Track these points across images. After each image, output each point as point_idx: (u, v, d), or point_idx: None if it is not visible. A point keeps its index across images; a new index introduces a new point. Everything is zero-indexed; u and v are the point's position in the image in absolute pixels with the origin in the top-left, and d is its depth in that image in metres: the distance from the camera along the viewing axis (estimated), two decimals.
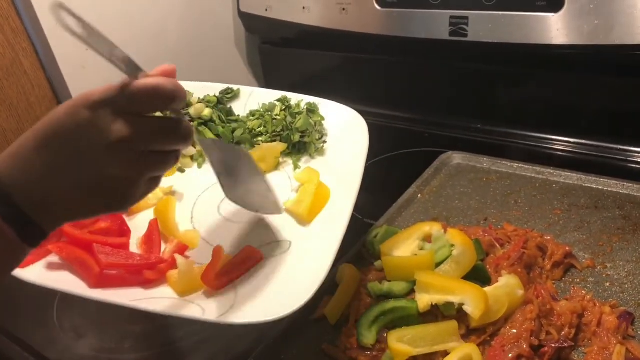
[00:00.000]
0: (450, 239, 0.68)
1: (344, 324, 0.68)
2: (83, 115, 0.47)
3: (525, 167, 0.92)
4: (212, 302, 0.65)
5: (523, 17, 0.95)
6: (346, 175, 0.79)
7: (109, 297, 0.66)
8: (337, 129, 0.91)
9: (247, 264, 0.71)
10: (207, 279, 0.67)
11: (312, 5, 1.20)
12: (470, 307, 0.59)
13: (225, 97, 1.01)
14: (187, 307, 0.65)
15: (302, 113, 0.92)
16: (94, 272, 0.69)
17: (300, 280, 0.65)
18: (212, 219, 0.81)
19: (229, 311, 0.63)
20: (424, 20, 1.06)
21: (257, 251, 0.73)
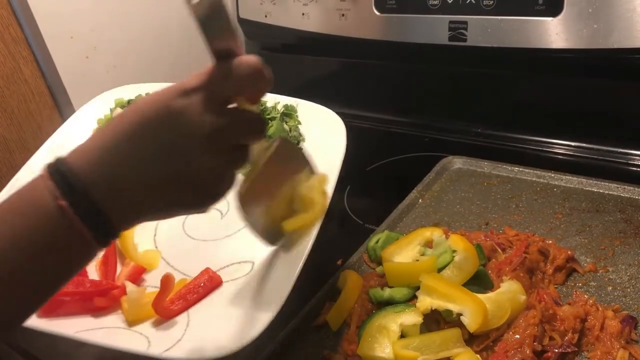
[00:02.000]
0: (452, 245, 0.68)
1: (345, 331, 0.68)
2: (177, 104, 0.45)
3: (526, 171, 0.92)
4: (160, 334, 0.63)
5: (522, 21, 0.96)
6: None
7: (53, 327, 0.64)
8: (315, 133, 0.86)
9: (205, 288, 0.69)
10: (157, 307, 0.65)
11: (311, 11, 1.21)
12: (468, 318, 0.59)
13: None
14: (132, 338, 0.62)
15: (276, 119, 0.87)
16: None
17: (257, 308, 0.62)
18: (176, 236, 0.77)
19: (175, 345, 0.60)
20: (423, 25, 1.06)
21: (215, 276, 0.70)
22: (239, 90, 0.47)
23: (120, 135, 0.46)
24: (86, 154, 0.46)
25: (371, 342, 0.61)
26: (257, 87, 0.48)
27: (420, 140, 1.16)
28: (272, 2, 1.26)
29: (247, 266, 0.71)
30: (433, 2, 1.03)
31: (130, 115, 0.46)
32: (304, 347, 0.68)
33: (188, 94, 0.45)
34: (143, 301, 0.66)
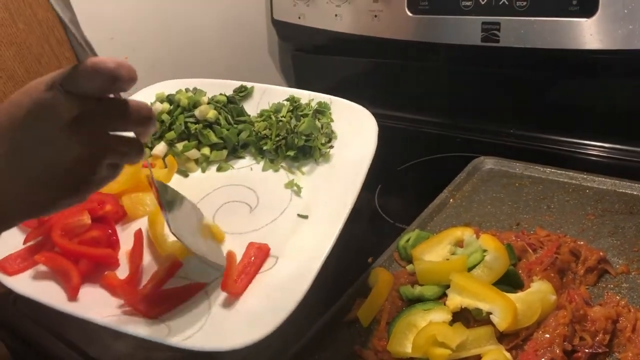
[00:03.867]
0: (483, 244, 0.69)
1: (375, 327, 0.69)
2: (37, 97, 0.46)
3: (558, 172, 0.92)
4: (182, 322, 0.63)
5: (556, 22, 0.95)
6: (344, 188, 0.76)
7: (82, 311, 0.65)
8: (348, 130, 0.87)
9: (258, 259, 0.70)
10: (227, 286, 0.67)
11: (345, 13, 1.22)
12: (498, 317, 0.60)
13: (238, 96, 0.97)
14: (153, 326, 0.63)
15: (308, 115, 0.87)
16: (72, 284, 0.68)
17: (274, 303, 0.63)
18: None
19: (195, 334, 0.61)
20: (455, 26, 1.06)
21: (263, 246, 0.71)
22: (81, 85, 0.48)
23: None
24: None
25: (401, 339, 0.62)
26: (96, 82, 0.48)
27: (452, 140, 1.16)
28: (305, 3, 1.28)
29: (271, 260, 0.72)
30: (466, 3, 1.03)
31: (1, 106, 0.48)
32: (335, 342, 0.69)
33: (50, 87, 0.47)
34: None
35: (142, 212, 0.81)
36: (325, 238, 0.69)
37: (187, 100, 0.93)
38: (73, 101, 0.47)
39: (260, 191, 0.83)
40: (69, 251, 0.72)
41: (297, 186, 0.82)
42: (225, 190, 0.85)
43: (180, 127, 0.91)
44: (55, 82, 0.47)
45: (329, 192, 0.79)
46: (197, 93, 0.97)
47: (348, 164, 0.81)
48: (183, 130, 0.91)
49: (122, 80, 0.48)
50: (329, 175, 0.83)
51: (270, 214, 0.79)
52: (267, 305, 0.64)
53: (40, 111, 0.46)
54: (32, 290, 0.69)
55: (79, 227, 0.76)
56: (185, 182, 0.89)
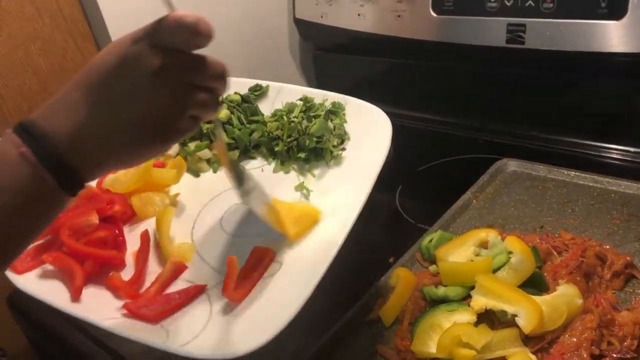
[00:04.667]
0: (508, 246, 0.68)
1: (397, 326, 0.68)
2: (124, 51, 0.49)
3: (582, 175, 0.91)
4: (180, 327, 0.63)
5: (583, 24, 0.94)
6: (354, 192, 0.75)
7: (83, 313, 0.65)
8: (361, 131, 0.85)
9: (262, 265, 0.69)
10: (227, 292, 0.66)
11: (368, 12, 1.21)
12: (523, 320, 0.59)
13: (253, 95, 0.96)
14: (153, 331, 0.63)
15: (320, 116, 0.86)
16: (75, 285, 0.68)
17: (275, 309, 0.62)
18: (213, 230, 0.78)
19: (191, 342, 0.60)
20: (480, 27, 1.05)
21: (267, 249, 0.71)
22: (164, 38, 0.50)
23: (80, 86, 0.49)
24: (49, 106, 0.49)
25: (425, 339, 0.62)
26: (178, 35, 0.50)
27: (474, 142, 1.15)
28: (328, 2, 1.27)
29: (275, 266, 0.71)
30: (491, 4, 1.02)
31: (88, 67, 0.50)
32: (356, 342, 0.69)
33: (136, 41, 0.49)
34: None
35: (152, 212, 0.81)
36: (330, 245, 0.67)
37: None
38: (157, 53, 0.49)
39: (270, 193, 0.82)
40: (75, 251, 0.72)
41: (306, 189, 0.81)
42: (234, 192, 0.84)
43: None
44: (141, 36, 0.49)
45: (338, 196, 0.78)
46: None
47: (360, 168, 0.80)
48: None
49: (201, 34, 0.50)
50: (339, 179, 0.82)
51: None
52: (267, 313, 0.62)
53: (127, 63, 0.49)
54: (37, 289, 0.69)
55: (87, 227, 0.76)
56: (197, 182, 0.89)
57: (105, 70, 0.49)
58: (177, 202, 0.85)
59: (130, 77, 0.49)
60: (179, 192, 0.85)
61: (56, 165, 0.47)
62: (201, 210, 0.82)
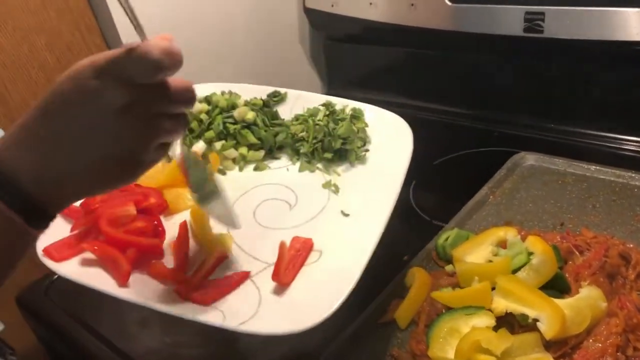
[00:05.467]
0: (529, 246, 0.66)
1: (413, 329, 0.67)
2: (86, 85, 0.46)
3: (603, 169, 0.88)
4: (235, 309, 0.65)
5: (602, 12, 0.91)
6: (383, 189, 0.77)
7: (135, 297, 0.66)
8: (382, 137, 0.89)
9: (304, 251, 0.71)
10: (278, 276, 0.67)
11: (380, 1, 1.19)
12: (544, 325, 0.57)
13: (272, 100, 1.00)
14: (209, 312, 0.64)
15: (345, 119, 0.90)
16: (123, 271, 0.69)
17: (323, 294, 0.63)
18: (247, 223, 0.80)
19: (249, 320, 0.62)
20: (497, 15, 1.02)
21: (307, 240, 0.72)
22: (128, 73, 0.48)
23: (42, 117, 0.47)
24: (12, 139, 0.48)
25: (442, 344, 0.60)
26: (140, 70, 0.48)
27: (490, 134, 1.13)
28: None
29: (315, 254, 0.72)
30: None
31: (50, 96, 0.48)
32: (371, 343, 0.68)
33: (99, 74, 0.47)
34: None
35: (184, 206, 0.83)
36: (369, 234, 0.69)
37: (225, 101, 0.97)
38: (122, 89, 0.47)
39: (298, 190, 0.85)
40: (118, 240, 0.73)
41: (335, 186, 0.84)
42: (263, 189, 0.87)
43: (219, 127, 0.94)
44: (104, 69, 0.47)
45: (367, 192, 0.80)
46: (232, 96, 1.00)
47: (385, 167, 0.83)
48: (221, 130, 0.94)
49: (167, 68, 0.48)
50: (366, 177, 0.84)
51: (310, 211, 0.80)
52: (316, 296, 0.64)
53: (90, 99, 0.47)
54: (82, 276, 0.70)
55: (125, 217, 0.77)
56: (224, 180, 0.91)
57: (66, 103, 0.47)
58: None
59: (93, 113, 0.47)
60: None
61: (24, 206, 0.47)
62: (233, 206, 0.83)
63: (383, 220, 0.71)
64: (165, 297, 0.67)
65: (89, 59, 0.47)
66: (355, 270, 0.64)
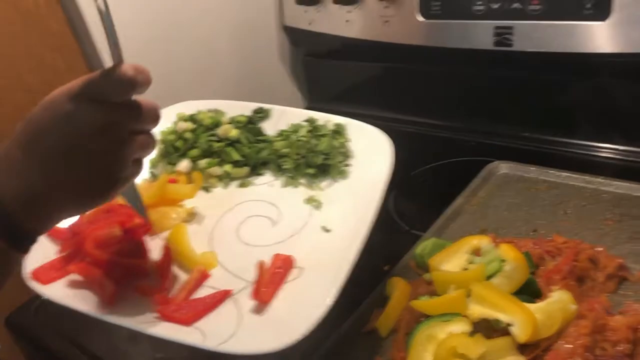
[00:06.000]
0: (502, 254, 0.68)
1: (394, 337, 0.69)
2: (61, 109, 0.49)
3: (574, 176, 0.91)
4: (215, 328, 0.66)
5: (569, 25, 0.95)
6: (363, 203, 0.79)
7: (119, 318, 0.68)
8: (363, 151, 0.91)
9: (284, 269, 0.72)
10: (258, 294, 0.69)
11: (355, 18, 1.22)
12: (517, 329, 0.59)
13: (257, 117, 1.01)
14: (189, 332, 0.66)
15: (327, 135, 0.92)
16: (108, 292, 0.70)
17: (303, 310, 0.65)
18: (230, 241, 0.81)
19: (228, 340, 0.63)
20: (467, 30, 1.06)
21: (287, 257, 0.74)
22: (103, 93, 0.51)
23: (20, 145, 0.50)
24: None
25: (421, 351, 0.62)
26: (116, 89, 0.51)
27: (466, 144, 1.16)
28: (316, 9, 1.28)
29: (296, 271, 0.73)
30: (478, 8, 1.03)
31: (27, 124, 0.50)
32: (353, 353, 0.69)
33: (72, 99, 0.49)
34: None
35: (168, 226, 0.84)
36: (349, 250, 0.70)
37: (209, 119, 0.98)
38: (95, 110, 0.49)
39: (281, 206, 0.86)
40: (103, 261, 0.74)
41: (317, 201, 0.85)
42: (247, 205, 0.88)
43: (204, 145, 0.95)
44: (77, 93, 0.49)
45: (348, 207, 0.82)
46: (217, 113, 1.01)
47: (366, 181, 0.84)
48: (206, 148, 0.95)
49: (140, 86, 0.51)
50: (347, 192, 0.86)
51: (293, 227, 0.81)
52: (295, 313, 0.65)
53: (65, 123, 0.49)
54: (67, 299, 0.71)
55: (111, 238, 0.78)
56: (208, 197, 0.92)
57: (44, 129, 0.49)
58: (194, 215, 0.87)
59: (70, 136, 0.49)
60: (195, 206, 0.88)
61: (6, 230, 0.49)
62: (216, 223, 0.85)
63: (362, 234, 0.72)
64: (147, 318, 0.68)
65: (64, 86, 0.50)
66: (333, 286, 0.65)
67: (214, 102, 1.04)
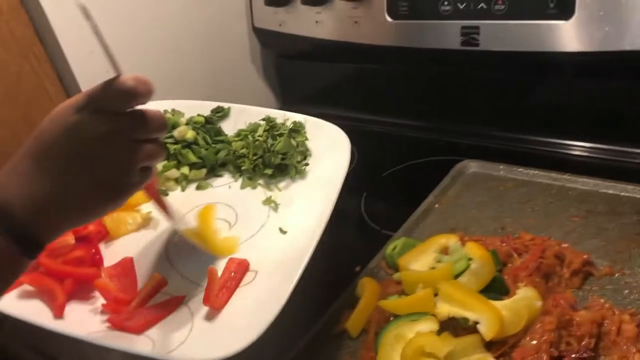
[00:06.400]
0: (468, 253, 0.69)
1: (364, 337, 0.69)
2: (68, 121, 0.51)
3: (541, 173, 0.92)
4: (165, 336, 0.65)
5: (534, 25, 0.96)
6: (320, 202, 0.78)
7: (68, 329, 0.67)
8: (321, 148, 0.90)
9: (239, 274, 0.72)
10: (209, 300, 0.68)
11: (325, 19, 1.22)
12: (484, 327, 0.60)
13: (215, 116, 1.00)
14: (138, 340, 0.65)
15: (284, 135, 0.91)
16: (58, 303, 0.70)
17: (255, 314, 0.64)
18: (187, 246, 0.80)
19: (177, 348, 0.63)
20: (435, 30, 1.06)
21: (243, 261, 0.74)
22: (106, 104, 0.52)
23: (30, 156, 0.52)
24: (4, 176, 0.52)
25: (389, 351, 0.62)
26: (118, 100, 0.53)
27: (436, 144, 1.17)
28: (285, 11, 1.27)
29: (250, 275, 0.74)
30: (445, 8, 1.04)
31: (36, 136, 0.52)
32: (325, 354, 0.69)
33: (78, 110, 0.51)
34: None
35: (124, 231, 0.84)
36: (303, 252, 0.70)
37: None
38: (100, 120, 0.51)
39: (239, 208, 0.86)
40: (54, 271, 0.73)
41: (274, 203, 0.85)
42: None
43: None
44: (83, 104, 0.51)
45: (305, 207, 0.82)
46: (175, 114, 1.00)
47: (323, 180, 0.84)
48: None
49: (142, 96, 0.53)
50: (305, 192, 0.86)
51: (249, 230, 0.81)
52: (247, 318, 0.65)
53: (72, 133, 0.51)
54: (18, 310, 0.70)
55: (63, 247, 0.77)
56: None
57: (51, 141, 0.51)
58: (150, 220, 0.86)
59: (77, 146, 0.51)
60: (151, 211, 0.87)
61: (18, 236, 0.50)
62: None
63: (317, 235, 0.72)
64: (98, 327, 0.68)
65: (71, 99, 0.52)
66: (285, 289, 0.65)
67: (172, 102, 1.03)
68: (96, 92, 0.52)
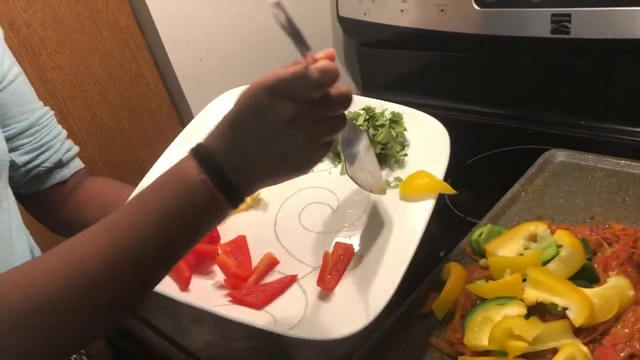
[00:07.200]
0: (558, 240, 0.69)
1: (449, 320, 0.71)
2: (262, 101, 0.55)
3: (632, 164, 0.90)
4: (284, 313, 0.69)
5: (628, 12, 0.93)
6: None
7: (194, 300, 0.72)
8: (420, 139, 0.90)
9: (346, 258, 0.75)
10: (322, 282, 0.72)
11: (410, 8, 1.23)
12: (574, 313, 0.61)
13: None
14: (260, 316, 0.69)
15: (385, 125, 0.91)
16: (184, 276, 0.75)
17: (365, 298, 0.66)
18: (293, 227, 0.83)
19: (297, 325, 0.66)
20: (524, 18, 1.05)
21: (348, 246, 0.76)
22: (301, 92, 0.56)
23: (230, 125, 0.58)
24: (212, 139, 0.58)
25: (477, 332, 0.64)
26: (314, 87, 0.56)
27: (523, 132, 1.15)
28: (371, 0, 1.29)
29: (356, 259, 0.76)
30: None
31: (235, 108, 0.58)
32: (410, 334, 0.72)
33: (270, 94, 0.55)
34: None
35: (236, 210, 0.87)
36: (408, 239, 0.71)
37: None
38: (290, 106, 0.56)
39: (340, 193, 0.88)
40: None
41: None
42: (307, 192, 0.90)
43: None
44: (274, 90, 0.55)
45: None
46: None
47: (423, 169, 0.83)
48: None
49: (326, 84, 0.57)
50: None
51: (351, 214, 0.83)
52: (359, 300, 0.67)
53: (264, 114, 0.56)
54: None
55: None
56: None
57: (247, 117, 0.57)
58: (259, 201, 0.90)
59: (268, 125, 0.56)
60: (259, 193, 0.91)
61: (227, 189, 0.57)
62: (279, 209, 0.88)
63: (422, 224, 0.73)
64: (221, 301, 0.72)
65: (261, 78, 0.56)
66: (395, 276, 0.67)
67: None
68: (285, 81, 0.55)
